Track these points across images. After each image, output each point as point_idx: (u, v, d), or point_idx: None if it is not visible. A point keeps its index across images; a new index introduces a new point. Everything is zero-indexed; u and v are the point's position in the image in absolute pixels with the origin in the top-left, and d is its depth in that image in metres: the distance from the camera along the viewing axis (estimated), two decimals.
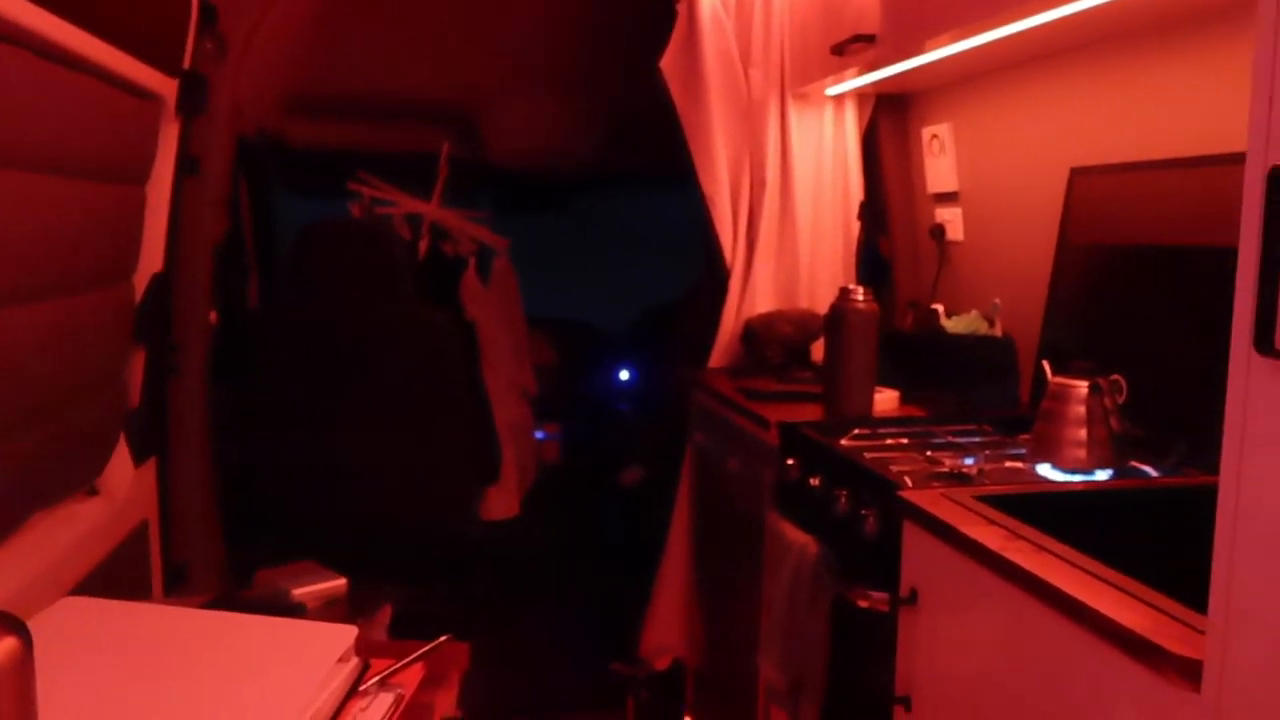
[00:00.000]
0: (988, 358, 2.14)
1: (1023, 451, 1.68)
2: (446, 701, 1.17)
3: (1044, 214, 2.06)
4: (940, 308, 2.29)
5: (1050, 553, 1.16)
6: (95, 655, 1.05)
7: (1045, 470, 1.59)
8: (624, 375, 4.74)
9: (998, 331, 2.17)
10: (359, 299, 2.75)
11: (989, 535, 1.23)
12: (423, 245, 3.56)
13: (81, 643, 1.07)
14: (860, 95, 2.66)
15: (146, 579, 1.97)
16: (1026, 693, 1.15)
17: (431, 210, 3.60)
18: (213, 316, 2.46)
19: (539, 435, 3.96)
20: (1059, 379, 1.61)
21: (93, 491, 1.78)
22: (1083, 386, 1.56)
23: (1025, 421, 1.72)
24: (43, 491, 1.54)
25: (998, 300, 2.19)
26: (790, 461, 1.90)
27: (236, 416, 2.67)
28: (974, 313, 2.24)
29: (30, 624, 0.73)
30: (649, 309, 4.81)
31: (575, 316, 4.85)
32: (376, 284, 2.76)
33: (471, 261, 3.59)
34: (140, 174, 1.78)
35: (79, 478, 1.71)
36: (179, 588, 2.16)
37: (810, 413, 2.07)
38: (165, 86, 1.79)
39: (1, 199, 1.24)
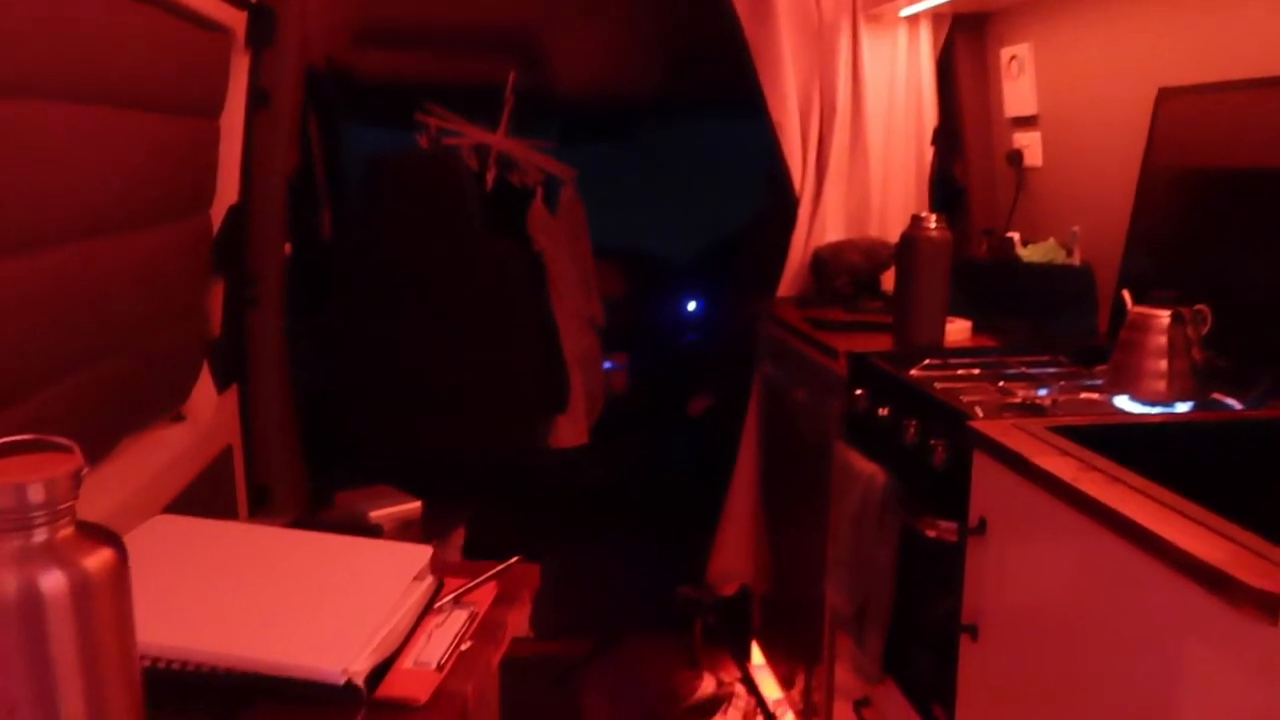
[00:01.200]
0: (1065, 287, 2.08)
1: (1099, 383, 1.64)
2: (519, 620, 1.21)
3: (1128, 137, 1.97)
4: (1016, 236, 2.22)
5: (1124, 484, 1.14)
6: (186, 569, 1.11)
7: (1122, 402, 1.55)
8: (691, 306, 4.73)
9: (1076, 260, 2.11)
10: (428, 230, 2.77)
11: (1061, 466, 1.21)
12: (490, 176, 3.57)
13: (173, 557, 1.12)
14: (935, 15, 2.56)
15: (232, 501, 2.06)
16: (1096, 624, 1.14)
17: (498, 140, 3.60)
18: (287, 248, 2.51)
19: (607, 365, 3.99)
20: (1140, 308, 1.56)
21: (179, 418, 1.85)
22: (1165, 316, 1.51)
23: (1103, 352, 1.67)
24: (133, 416, 1.61)
25: (1077, 228, 2.12)
26: (859, 392, 1.88)
27: (312, 346, 2.74)
28: (1051, 241, 2.17)
29: (125, 539, 0.77)
30: (716, 239, 4.77)
31: (643, 247, 4.83)
32: (445, 215, 2.78)
33: (539, 192, 3.58)
34: (213, 107, 1.81)
35: (166, 404, 1.79)
36: (262, 510, 2.25)
37: (879, 343, 2.05)
38: (234, 19, 1.80)
39: (78, 133, 1.27)
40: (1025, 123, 2.44)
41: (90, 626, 0.67)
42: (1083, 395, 1.61)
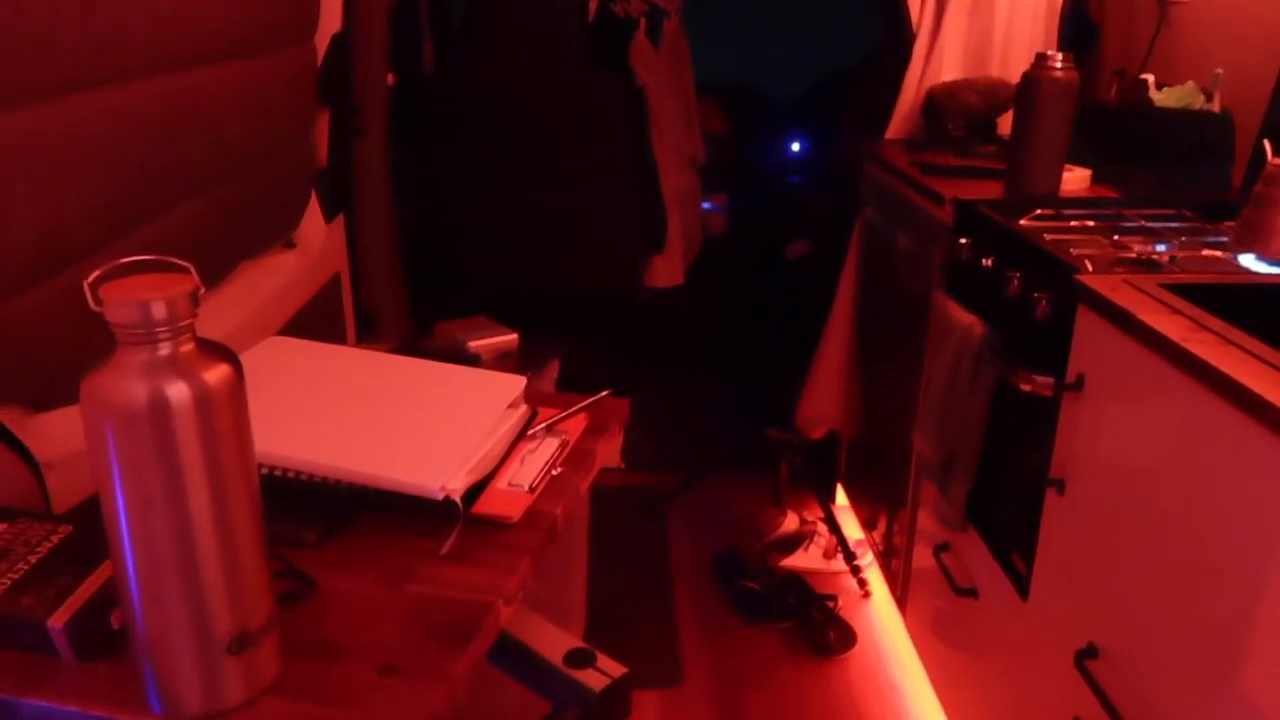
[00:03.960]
0: (1199, 135, 1.94)
1: (1224, 240, 1.55)
2: (609, 451, 1.25)
3: None
4: (1150, 78, 2.07)
5: (1237, 346, 1.09)
6: (298, 386, 1.17)
7: (1248, 261, 1.47)
8: (795, 146, 4.59)
9: (1215, 106, 1.96)
10: (529, 63, 2.73)
11: (1170, 325, 1.17)
12: (592, 5, 3.45)
13: (286, 375, 1.19)
14: None
15: (340, 327, 2.15)
16: (1191, 487, 1.13)
17: None
18: (390, 79, 2.50)
19: (706, 206, 3.94)
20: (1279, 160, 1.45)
21: (290, 245, 1.92)
22: None
23: (1233, 208, 1.58)
24: (247, 243, 1.67)
25: (1220, 70, 1.96)
26: (963, 240, 1.83)
27: (416, 179, 2.77)
28: (1190, 84, 2.01)
29: (242, 357, 0.81)
30: (825, 76, 4.56)
31: (748, 83, 4.66)
32: (546, 47, 2.73)
33: (642, 23, 3.46)
34: None
35: (278, 231, 1.85)
36: (368, 336, 2.35)
37: (989, 190, 1.97)
38: None
39: None
40: None
41: (211, 433, 0.73)
42: (1204, 252, 1.53)
